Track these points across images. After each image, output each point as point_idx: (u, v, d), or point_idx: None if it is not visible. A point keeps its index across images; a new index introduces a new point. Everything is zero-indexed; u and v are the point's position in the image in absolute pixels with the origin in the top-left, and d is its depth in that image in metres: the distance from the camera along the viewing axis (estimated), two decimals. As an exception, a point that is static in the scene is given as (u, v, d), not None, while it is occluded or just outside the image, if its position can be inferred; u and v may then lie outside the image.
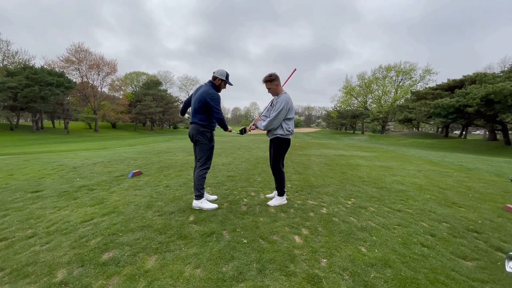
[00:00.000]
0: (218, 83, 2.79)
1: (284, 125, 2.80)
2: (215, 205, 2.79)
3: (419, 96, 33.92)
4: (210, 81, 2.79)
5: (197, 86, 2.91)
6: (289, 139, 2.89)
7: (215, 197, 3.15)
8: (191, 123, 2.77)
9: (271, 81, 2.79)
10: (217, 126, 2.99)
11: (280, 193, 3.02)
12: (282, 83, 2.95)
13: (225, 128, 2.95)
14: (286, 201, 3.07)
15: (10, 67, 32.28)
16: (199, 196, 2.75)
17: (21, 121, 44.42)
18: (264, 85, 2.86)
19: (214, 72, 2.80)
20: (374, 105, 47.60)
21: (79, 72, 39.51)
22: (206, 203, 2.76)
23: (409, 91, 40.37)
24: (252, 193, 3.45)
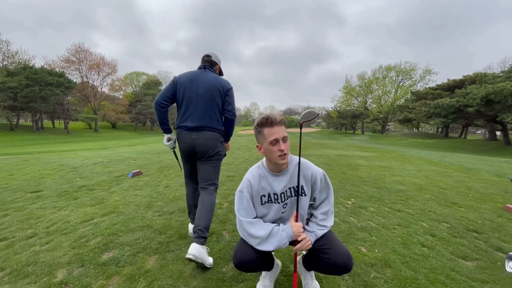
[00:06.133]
0: (218, 71, 2.07)
1: None
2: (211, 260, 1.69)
3: (419, 96, 33.92)
4: (208, 67, 1.95)
5: (179, 74, 1.93)
6: None
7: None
8: (201, 128, 1.82)
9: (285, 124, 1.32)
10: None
11: None
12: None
13: (231, 134, 2.01)
14: None
15: (10, 67, 32.30)
16: (205, 239, 1.70)
17: (21, 121, 44.41)
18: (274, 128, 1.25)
19: (208, 56, 1.98)
20: (374, 105, 47.57)
21: (79, 72, 39.65)
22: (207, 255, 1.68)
23: (409, 91, 40.35)
24: (252, 193, 3.44)
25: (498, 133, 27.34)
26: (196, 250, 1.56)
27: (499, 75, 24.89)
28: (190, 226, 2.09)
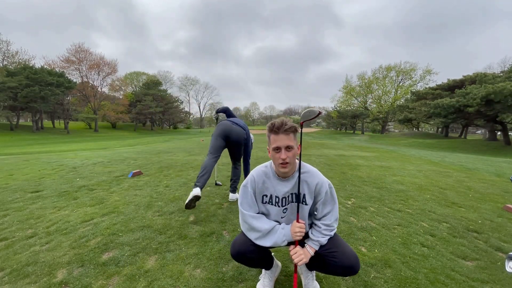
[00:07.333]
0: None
1: None
2: None
3: (419, 96, 33.92)
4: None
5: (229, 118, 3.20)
6: None
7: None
8: (234, 123, 2.92)
9: (295, 132, 1.25)
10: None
11: None
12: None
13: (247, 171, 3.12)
14: None
15: (10, 67, 32.26)
16: (236, 189, 3.20)
17: (21, 121, 44.39)
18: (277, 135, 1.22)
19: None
20: (374, 105, 47.54)
21: (79, 72, 39.56)
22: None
23: (409, 91, 40.35)
24: (252, 193, 3.44)
25: (498, 133, 27.34)
26: (234, 196, 3.08)
27: (499, 75, 24.89)
28: (194, 190, 2.38)
